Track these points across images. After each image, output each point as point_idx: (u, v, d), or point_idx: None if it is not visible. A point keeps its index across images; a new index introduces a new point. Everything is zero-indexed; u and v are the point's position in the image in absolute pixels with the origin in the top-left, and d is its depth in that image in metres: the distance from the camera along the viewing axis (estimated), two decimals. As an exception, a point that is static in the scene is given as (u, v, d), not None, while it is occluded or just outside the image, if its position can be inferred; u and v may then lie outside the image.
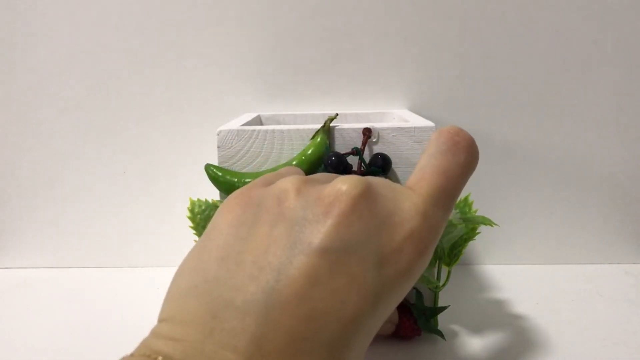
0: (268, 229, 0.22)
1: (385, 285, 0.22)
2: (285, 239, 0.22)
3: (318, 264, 0.21)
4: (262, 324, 0.20)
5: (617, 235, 0.55)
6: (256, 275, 0.21)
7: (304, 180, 0.25)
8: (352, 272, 0.21)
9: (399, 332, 0.39)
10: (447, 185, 0.26)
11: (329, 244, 0.21)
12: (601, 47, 0.51)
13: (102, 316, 0.45)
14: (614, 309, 0.45)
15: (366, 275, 0.22)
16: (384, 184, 0.25)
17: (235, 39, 0.53)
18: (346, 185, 0.23)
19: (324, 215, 0.22)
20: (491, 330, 0.41)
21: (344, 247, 0.21)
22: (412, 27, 0.52)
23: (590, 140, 0.53)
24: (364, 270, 0.22)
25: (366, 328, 0.22)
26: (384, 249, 0.22)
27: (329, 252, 0.21)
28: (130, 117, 0.54)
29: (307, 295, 0.20)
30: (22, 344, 0.41)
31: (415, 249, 0.23)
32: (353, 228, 0.22)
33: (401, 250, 0.23)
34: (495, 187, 0.54)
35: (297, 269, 0.21)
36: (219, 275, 0.22)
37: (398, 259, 0.23)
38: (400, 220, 0.23)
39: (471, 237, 0.39)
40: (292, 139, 0.39)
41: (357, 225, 0.22)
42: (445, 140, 0.27)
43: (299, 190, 0.24)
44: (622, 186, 0.54)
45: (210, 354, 0.20)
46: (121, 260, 0.57)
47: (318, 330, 0.20)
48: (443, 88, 0.53)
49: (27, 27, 0.53)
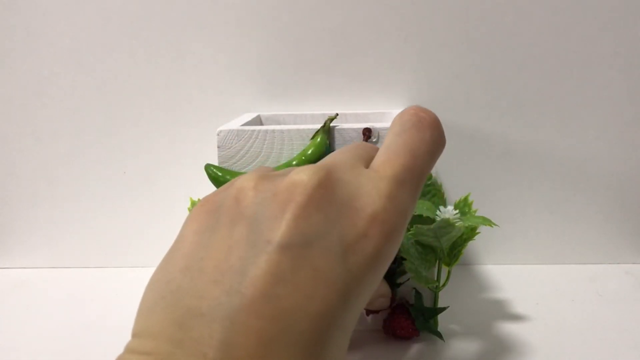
0: (228, 232, 0.22)
1: (354, 274, 0.21)
2: (245, 240, 0.21)
3: (280, 260, 0.20)
4: (229, 328, 0.19)
5: (617, 235, 0.55)
6: (219, 279, 0.21)
7: (261, 176, 0.24)
8: (316, 265, 0.21)
9: (397, 332, 0.39)
10: (413, 163, 0.25)
11: (288, 240, 0.21)
12: (601, 47, 0.51)
13: (102, 316, 0.45)
14: (614, 309, 0.45)
15: (331, 267, 0.21)
16: (346, 167, 0.24)
17: (235, 39, 0.53)
18: (301, 176, 0.22)
19: (281, 210, 0.21)
20: (491, 330, 0.41)
21: (304, 240, 0.21)
22: (412, 27, 0.52)
23: (591, 140, 0.53)
24: (329, 262, 0.21)
25: (340, 322, 0.21)
26: (347, 236, 0.22)
27: (290, 247, 0.20)
28: (130, 117, 0.54)
29: (272, 294, 0.20)
30: (22, 344, 0.41)
31: (381, 232, 0.22)
32: (312, 220, 0.21)
33: (366, 236, 0.22)
34: (495, 187, 0.54)
35: (259, 268, 0.20)
36: (182, 284, 0.21)
37: (364, 245, 0.22)
38: (362, 204, 0.22)
39: (471, 237, 0.39)
40: (292, 139, 0.39)
41: (316, 216, 0.21)
42: (409, 118, 0.27)
43: (256, 187, 0.23)
44: (622, 186, 0.54)
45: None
46: (121, 260, 0.57)
47: (287, 330, 0.19)
48: (443, 88, 0.53)
49: (27, 27, 0.53)
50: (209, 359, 0.19)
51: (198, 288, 0.21)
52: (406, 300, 0.41)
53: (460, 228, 0.36)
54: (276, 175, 0.24)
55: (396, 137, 0.26)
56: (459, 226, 0.36)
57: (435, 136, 0.27)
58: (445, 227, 0.36)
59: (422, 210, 0.37)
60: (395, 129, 0.26)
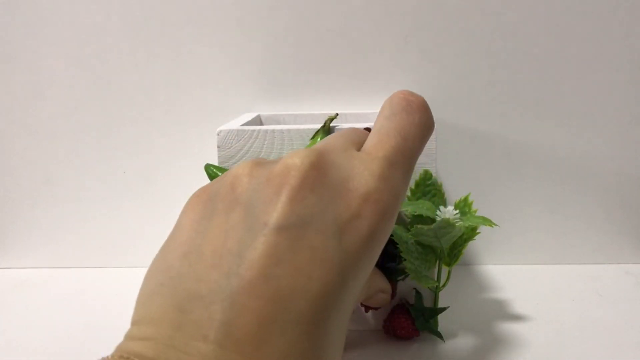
0: (224, 217, 0.22)
1: (349, 253, 0.22)
2: (242, 223, 0.22)
3: (277, 242, 0.21)
4: (228, 310, 0.20)
5: (618, 235, 0.55)
6: (217, 263, 0.21)
7: (255, 163, 0.24)
8: (313, 246, 0.21)
9: (397, 332, 0.39)
10: (404, 145, 0.25)
11: (284, 221, 0.21)
12: (602, 47, 0.51)
13: (102, 316, 0.45)
14: (614, 309, 0.45)
15: (328, 247, 0.21)
16: (338, 150, 0.25)
17: (235, 39, 0.53)
18: (294, 160, 0.23)
19: (276, 193, 0.22)
20: (491, 330, 0.41)
21: (300, 222, 0.21)
22: (412, 27, 0.52)
23: (591, 140, 0.53)
24: (325, 242, 0.21)
25: (338, 303, 0.21)
26: (341, 217, 0.22)
27: (286, 228, 0.21)
28: (130, 117, 0.54)
29: (271, 275, 0.20)
30: (22, 343, 0.41)
31: (375, 211, 0.23)
32: (306, 201, 0.22)
33: (359, 216, 0.22)
34: (495, 187, 0.54)
35: (256, 250, 0.20)
36: (182, 270, 0.22)
37: (358, 225, 0.22)
38: (355, 185, 0.23)
39: (471, 237, 0.39)
40: (292, 139, 0.39)
41: (310, 198, 0.22)
42: (398, 101, 0.27)
43: (250, 173, 0.23)
44: (622, 186, 0.54)
45: (182, 347, 0.20)
46: (121, 260, 0.57)
47: (286, 310, 0.20)
48: (443, 88, 0.53)
49: (27, 27, 0.53)
50: (210, 341, 0.19)
51: (197, 273, 0.21)
52: (406, 300, 0.41)
53: (460, 228, 0.36)
54: (270, 162, 0.24)
55: (386, 121, 0.27)
56: (459, 226, 0.36)
57: (424, 119, 0.27)
58: (445, 227, 0.36)
59: (422, 210, 0.37)
60: (385, 112, 0.27)
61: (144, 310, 0.22)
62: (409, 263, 0.37)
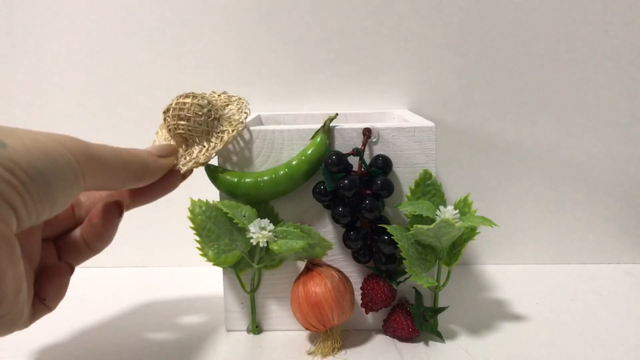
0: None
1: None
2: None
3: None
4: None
5: (617, 235, 0.55)
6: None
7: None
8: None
9: (397, 332, 0.39)
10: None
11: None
12: (601, 47, 0.51)
13: (102, 316, 0.45)
14: (614, 309, 0.45)
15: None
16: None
17: (235, 39, 0.53)
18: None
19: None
20: (491, 330, 0.41)
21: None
22: (412, 27, 0.52)
23: (591, 140, 0.53)
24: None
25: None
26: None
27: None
28: (130, 117, 0.54)
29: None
30: (22, 343, 0.41)
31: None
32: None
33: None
34: (495, 187, 0.54)
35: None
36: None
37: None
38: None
39: (471, 237, 0.39)
40: (292, 139, 0.39)
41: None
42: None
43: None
44: (622, 186, 0.54)
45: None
46: (121, 260, 0.57)
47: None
48: (443, 88, 0.53)
49: (27, 27, 0.53)
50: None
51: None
52: (406, 300, 0.41)
53: (460, 228, 0.36)
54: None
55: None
56: (459, 226, 0.36)
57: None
58: (445, 227, 0.36)
59: (422, 210, 0.37)
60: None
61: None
62: (408, 263, 0.37)
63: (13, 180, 0.25)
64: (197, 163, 0.37)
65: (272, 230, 0.37)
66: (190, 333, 0.42)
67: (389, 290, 0.39)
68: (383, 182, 0.38)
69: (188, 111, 0.37)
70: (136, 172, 0.33)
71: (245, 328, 0.42)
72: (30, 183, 0.25)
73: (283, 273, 0.41)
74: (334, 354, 0.38)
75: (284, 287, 0.41)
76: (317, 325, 0.38)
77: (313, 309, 0.37)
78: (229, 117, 0.39)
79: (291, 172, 0.38)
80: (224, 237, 0.39)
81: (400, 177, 0.40)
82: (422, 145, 0.39)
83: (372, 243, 0.39)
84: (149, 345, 0.40)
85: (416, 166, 0.39)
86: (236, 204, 0.38)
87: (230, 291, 0.41)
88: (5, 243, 0.25)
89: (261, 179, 0.38)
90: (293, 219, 0.40)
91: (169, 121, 0.37)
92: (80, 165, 0.28)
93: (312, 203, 0.39)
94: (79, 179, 0.28)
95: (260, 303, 0.41)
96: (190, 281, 0.52)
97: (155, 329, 0.43)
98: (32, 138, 0.27)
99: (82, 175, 0.29)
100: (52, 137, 0.28)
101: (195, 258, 0.39)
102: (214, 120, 0.37)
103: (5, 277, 0.25)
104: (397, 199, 0.40)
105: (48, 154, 0.27)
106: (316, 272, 0.38)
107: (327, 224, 0.40)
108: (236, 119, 0.39)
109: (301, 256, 0.39)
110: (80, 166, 0.28)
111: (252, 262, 0.39)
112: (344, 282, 0.38)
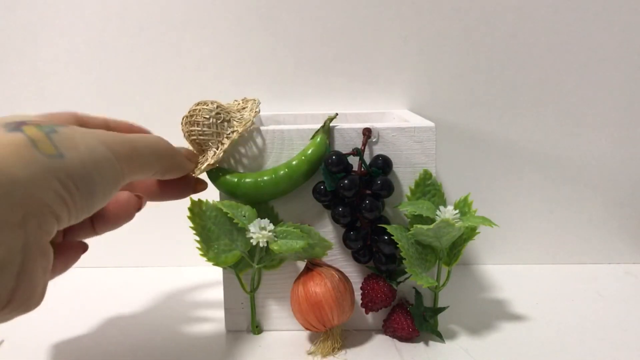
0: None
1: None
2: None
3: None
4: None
5: (617, 235, 0.55)
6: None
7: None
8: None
9: (397, 332, 0.39)
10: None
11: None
12: (601, 47, 0.51)
13: (102, 316, 0.45)
14: (614, 309, 0.45)
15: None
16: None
17: (236, 39, 0.53)
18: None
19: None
20: (491, 330, 0.41)
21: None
22: (412, 27, 0.52)
23: (590, 140, 0.53)
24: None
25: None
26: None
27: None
28: (131, 117, 0.54)
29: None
30: (22, 343, 0.41)
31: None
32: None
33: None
34: (495, 187, 0.54)
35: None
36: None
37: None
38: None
39: (471, 237, 0.39)
40: (292, 139, 0.39)
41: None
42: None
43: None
44: (622, 186, 0.54)
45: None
46: (121, 260, 0.57)
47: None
48: (443, 88, 0.53)
49: (27, 27, 0.53)
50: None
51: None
52: (406, 300, 0.41)
53: (460, 228, 0.36)
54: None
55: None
56: (459, 226, 0.36)
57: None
58: (445, 227, 0.36)
59: (422, 210, 0.37)
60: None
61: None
62: (408, 263, 0.37)
63: (64, 194, 0.25)
64: (209, 165, 0.37)
65: (272, 230, 0.37)
66: (190, 333, 0.42)
67: (389, 290, 0.39)
68: (383, 182, 0.38)
69: (197, 117, 0.38)
70: (166, 166, 0.34)
71: (245, 328, 0.42)
72: (78, 195, 0.26)
73: (283, 273, 0.41)
74: (334, 354, 0.38)
75: (284, 287, 0.41)
76: (317, 325, 0.38)
77: (313, 309, 0.37)
78: (240, 118, 0.39)
79: (291, 172, 0.38)
80: (224, 237, 0.39)
81: (400, 177, 0.40)
82: (422, 145, 0.39)
83: (372, 243, 0.39)
84: (149, 345, 0.40)
85: (416, 166, 0.39)
86: (236, 204, 0.38)
87: (230, 291, 0.41)
88: (44, 256, 0.25)
89: (261, 179, 0.38)
90: (293, 219, 0.40)
91: (183, 129, 0.39)
92: (122, 168, 0.29)
93: (312, 203, 0.39)
94: (119, 182, 0.29)
95: (260, 303, 0.41)
96: (190, 281, 0.52)
97: (155, 329, 0.43)
98: (86, 145, 0.27)
99: (122, 178, 0.29)
100: (101, 139, 0.28)
101: (195, 258, 0.39)
102: (223, 122, 0.38)
103: (38, 287, 0.25)
104: (397, 199, 0.40)
105: (97, 164, 0.27)
106: (316, 272, 0.38)
107: (327, 224, 0.40)
108: (245, 117, 0.39)
109: (301, 256, 0.39)
110: (122, 169, 0.29)
111: (252, 262, 0.39)
112: (344, 282, 0.38)
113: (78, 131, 0.28)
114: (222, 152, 0.37)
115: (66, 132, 0.27)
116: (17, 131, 0.25)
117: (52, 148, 0.25)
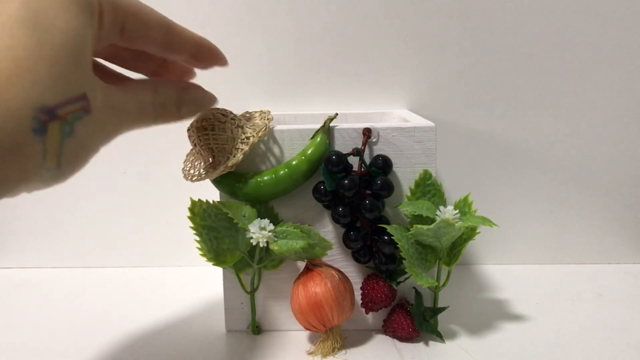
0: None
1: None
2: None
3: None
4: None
5: (617, 235, 0.55)
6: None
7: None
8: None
9: (397, 332, 0.39)
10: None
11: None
12: (601, 47, 0.51)
13: (102, 315, 0.45)
14: (614, 309, 0.45)
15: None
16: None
17: (236, 39, 0.53)
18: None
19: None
20: (491, 330, 0.41)
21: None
22: (412, 27, 0.52)
23: (591, 140, 0.53)
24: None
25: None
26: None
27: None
28: (130, 117, 0.54)
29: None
30: (22, 343, 0.41)
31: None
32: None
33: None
34: (495, 187, 0.54)
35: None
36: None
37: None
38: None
39: (471, 237, 0.39)
40: (292, 139, 0.39)
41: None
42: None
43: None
44: (622, 186, 0.54)
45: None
46: (121, 260, 0.57)
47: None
48: (443, 88, 0.53)
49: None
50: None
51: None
52: (406, 300, 0.41)
53: (460, 228, 0.36)
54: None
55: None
56: (459, 226, 0.36)
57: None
58: (445, 227, 0.36)
59: (422, 210, 0.37)
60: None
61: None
62: (408, 263, 0.37)
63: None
64: (227, 167, 0.37)
65: (272, 230, 0.37)
66: (190, 333, 0.42)
67: (389, 290, 0.39)
68: (383, 182, 0.38)
69: (213, 121, 0.38)
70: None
71: (245, 328, 0.42)
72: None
73: (283, 273, 0.41)
74: (334, 354, 0.38)
75: (284, 287, 0.41)
76: (317, 325, 0.38)
77: (313, 309, 0.37)
78: (253, 125, 0.39)
79: (291, 172, 0.38)
80: (224, 237, 0.39)
81: (400, 177, 0.40)
82: (422, 145, 0.39)
83: (372, 243, 0.39)
84: (149, 345, 0.40)
85: (416, 166, 0.39)
86: (236, 204, 0.38)
87: (230, 291, 0.41)
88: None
89: (261, 179, 0.38)
90: (293, 219, 0.40)
91: (193, 134, 0.39)
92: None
93: (312, 203, 0.39)
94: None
95: (260, 303, 0.41)
96: (190, 281, 0.52)
97: (156, 329, 0.43)
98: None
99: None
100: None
101: (195, 258, 0.39)
102: (237, 127, 0.38)
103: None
104: (397, 199, 0.40)
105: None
106: (316, 272, 0.38)
107: (327, 224, 0.40)
108: (259, 124, 0.39)
109: (301, 256, 0.39)
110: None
111: (252, 262, 0.39)
112: (344, 282, 0.38)
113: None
114: (242, 156, 0.37)
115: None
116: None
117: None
